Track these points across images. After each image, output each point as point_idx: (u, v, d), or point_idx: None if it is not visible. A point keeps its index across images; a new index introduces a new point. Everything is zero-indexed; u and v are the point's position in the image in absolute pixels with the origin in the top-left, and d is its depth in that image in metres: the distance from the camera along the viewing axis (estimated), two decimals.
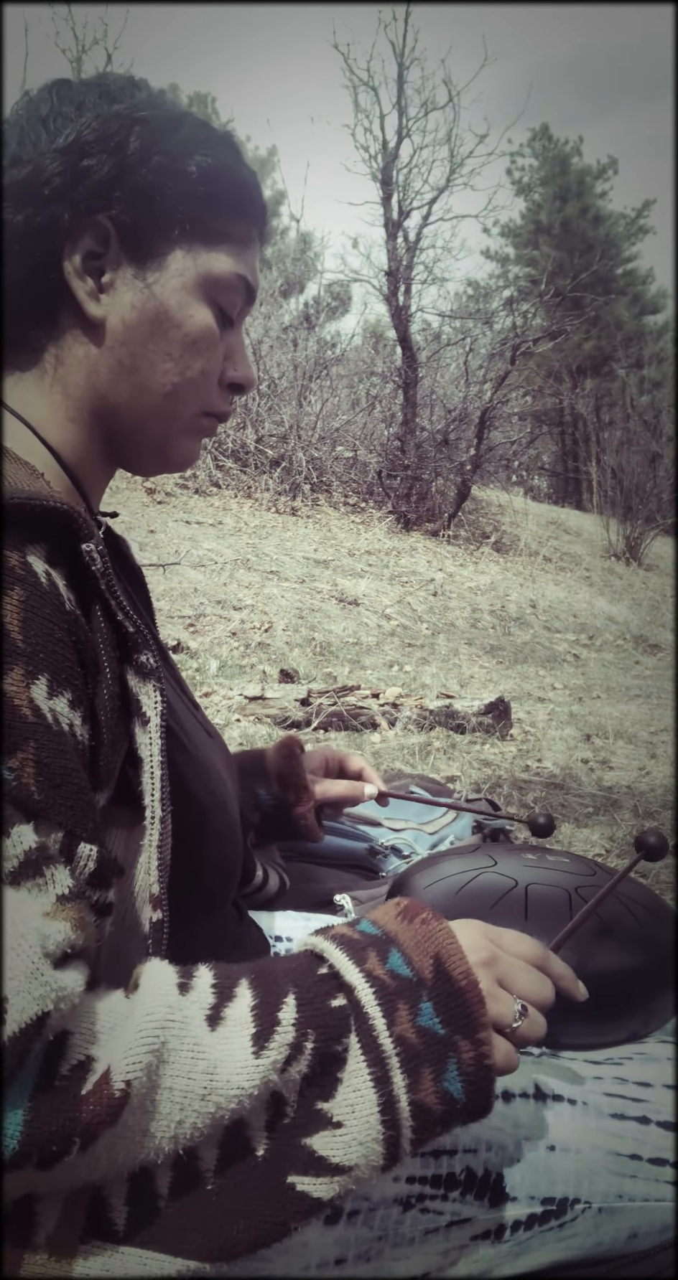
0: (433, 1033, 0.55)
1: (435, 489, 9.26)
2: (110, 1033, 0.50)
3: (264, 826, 1.04)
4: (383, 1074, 0.53)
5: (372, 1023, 0.54)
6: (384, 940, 0.58)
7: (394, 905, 0.62)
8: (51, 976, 0.47)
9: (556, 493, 18.39)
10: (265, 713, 3.37)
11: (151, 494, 7.16)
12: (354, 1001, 0.54)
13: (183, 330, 0.70)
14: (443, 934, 0.58)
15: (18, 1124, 0.45)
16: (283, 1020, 0.53)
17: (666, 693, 5.08)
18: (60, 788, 0.51)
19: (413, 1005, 0.55)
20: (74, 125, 0.66)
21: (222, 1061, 0.51)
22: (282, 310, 10.67)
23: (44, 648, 0.53)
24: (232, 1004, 0.53)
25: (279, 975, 0.55)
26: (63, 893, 0.50)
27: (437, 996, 0.56)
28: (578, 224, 22.21)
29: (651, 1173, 0.70)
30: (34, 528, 0.56)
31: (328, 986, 0.55)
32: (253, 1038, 0.52)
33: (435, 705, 3.52)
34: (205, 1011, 0.52)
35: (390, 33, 10.18)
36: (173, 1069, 0.50)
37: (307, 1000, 0.54)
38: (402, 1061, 0.53)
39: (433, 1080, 0.54)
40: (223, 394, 0.75)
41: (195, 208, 0.69)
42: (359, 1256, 0.62)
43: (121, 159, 0.67)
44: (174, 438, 0.74)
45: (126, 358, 0.69)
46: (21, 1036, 0.46)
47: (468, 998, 0.56)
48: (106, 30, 8.77)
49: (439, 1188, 0.65)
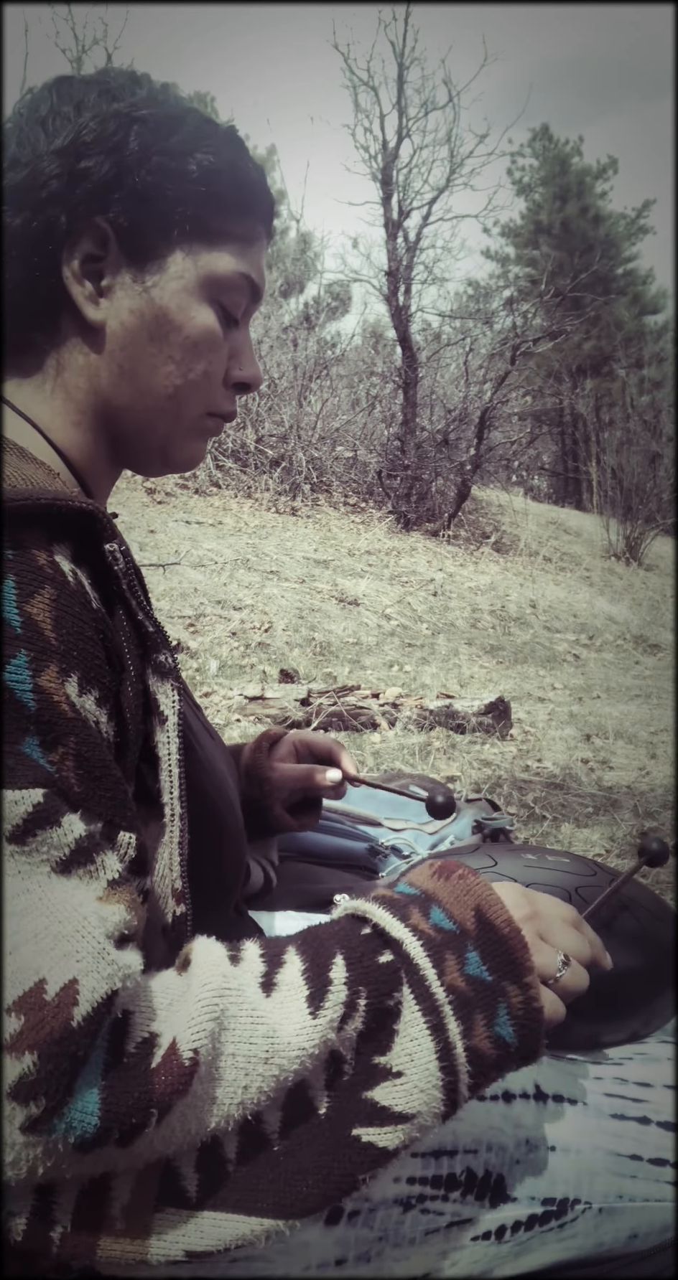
0: (481, 980, 0.56)
1: (435, 489, 9.26)
2: (169, 1009, 0.51)
3: (247, 824, 1.04)
4: (438, 1022, 0.54)
5: (423, 973, 0.55)
6: (424, 898, 0.59)
7: (428, 866, 0.63)
8: (116, 956, 0.48)
9: (556, 493, 18.39)
10: (265, 713, 3.37)
11: (152, 494, 7.16)
12: (403, 955, 0.56)
13: (184, 333, 0.69)
14: (481, 886, 0.59)
15: (95, 1103, 0.46)
16: (335, 980, 0.54)
17: (666, 693, 5.08)
18: (100, 780, 0.53)
19: (460, 955, 0.56)
20: (72, 126, 0.65)
21: (280, 1025, 0.52)
22: (282, 310, 10.67)
23: (76, 646, 0.54)
24: (282, 970, 0.54)
25: (325, 938, 0.57)
26: (113, 878, 0.51)
27: (481, 945, 0.57)
28: (578, 224, 22.21)
29: (651, 1173, 0.70)
30: (59, 528, 0.56)
31: (374, 944, 0.56)
32: (307, 999, 0.53)
33: (435, 705, 3.52)
34: (258, 979, 0.54)
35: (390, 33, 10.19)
36: (234, 1035, 0.51)
37: (355, 959, 0.55)
38: (455, 1009, 0.55)
39: (485, 1025, 0.55)
40: (228, 394, 0.74)
41: (196, 208, 0.68)
42: (360, 1257, 0.62)
43: (120, 160, 0.66)
44: (178, 439, 0.73)
45: (127, 361, 0.69)
46: (94, 1015, 0.47)
47: (512, 944, 0.57)
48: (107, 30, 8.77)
49: (440, 1188, 0.65)
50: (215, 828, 0.71)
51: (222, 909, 0.77)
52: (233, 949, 0.56)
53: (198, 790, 0.68)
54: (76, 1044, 0.46)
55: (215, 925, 0.75)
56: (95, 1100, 0.46)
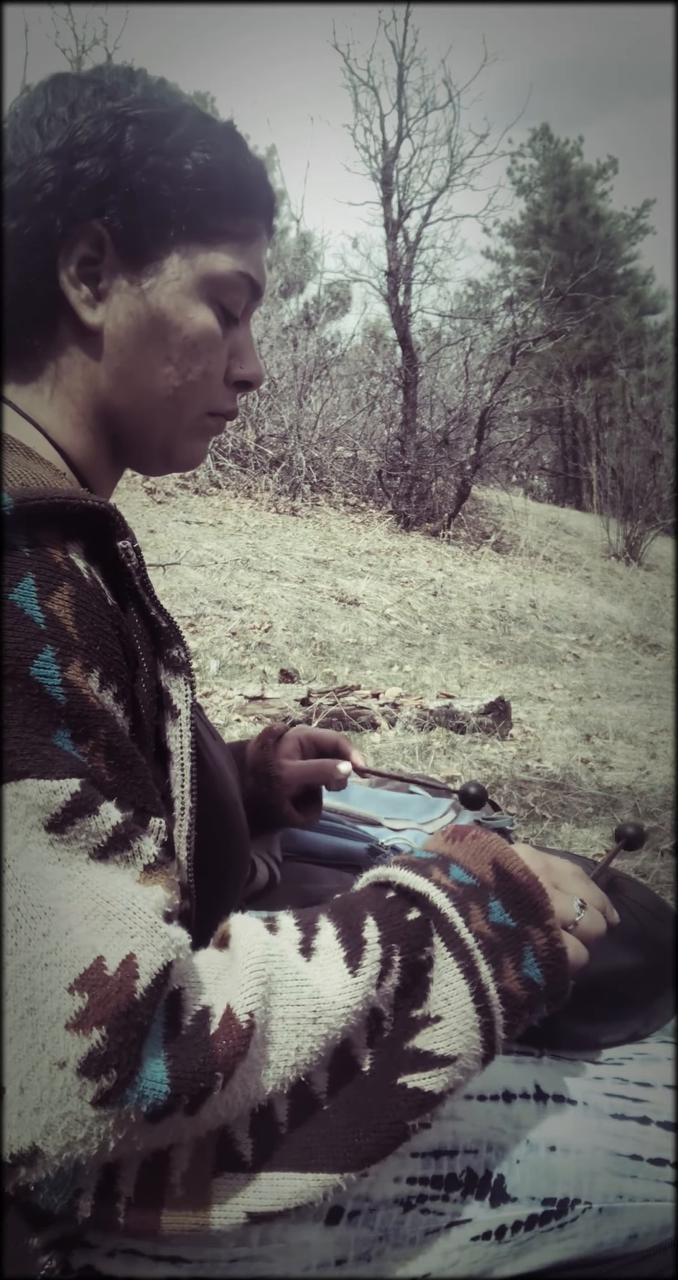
0: (506, 926, 0.59)
1: (435, 489, 9.27)
2: (216, 981, 0.52)
3: (251, 820, 1.04)
4: (470, 965, 0.56)
5: (451, 921, 0.57)
6: (442, 859, 0.62)
7: (441, 833, 0.65)
8: (168, 929, 0.50)
9: (556, 493, 18.39)
10: (265, 713, 3.37)
11: (152, 494, 7.16)
12: (431, 907, 0.58)
13: (182, 334, 0.69)
14: (495, 842, 0.62)
15: (163, 1071, 0.47)
16: (369, 940, 0.56)
17: (666, 693, 5.08)
18: (130, 769, 0.54)
19: (483, 905, 0.59)
20: (66, 127, 0.65)
21: (324, 985, 0.54)
22: (282, 310, 10.68)
23: (97, 641, 0.54)
24: (318, 935, 0.56)
25: (354, 904, 0.58)
26: (149, 862, 0.53)
27: (503, 894, 0.60)
28: (578, 224, 22.21)
29: (651, 1173, 0.70)
30: (71, 526, 0.56)
31: (401, 904, 0.58)
32: (346, 959, 0.55)
33: (435, 705, 3.52)
34: (297, 945, 0.55)
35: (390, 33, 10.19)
36: (282, 999, 0.52)
37: (386, 919, 0.57)
38: (485, 953, 0.57)
39: (514, 968, 0.58)
40: (229, 393, 0.74)
41: (192, 208, 0.67)
42: (360, 1257, 0.62)
43: (115, 161, 0.65)
44: (179, 439, 0.73)
45: (126, 364, 0.68)
46: (155, 987, 0.48)
47: (531, 890, 0.60)
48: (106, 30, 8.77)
49: (440, 1188, 0.65)
50: (221, 825, 0.71)
51: (225, 906, 0.77)
52: (268, 920, 0.57)
53: (203, 787, 0.68)
54: (142, 1015, 0.47)
55: (213, 926, 0.76)
56: (163, 1069, 0.47)
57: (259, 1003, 0.51)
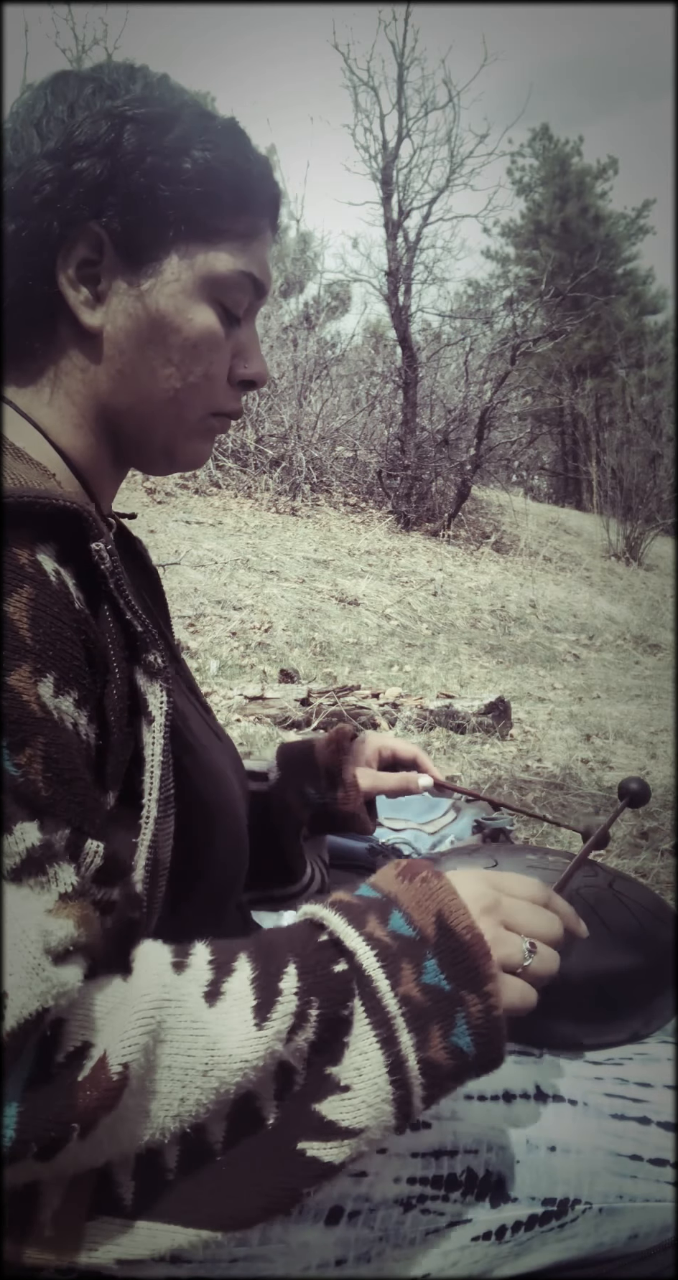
0: (439, 989, 0.55)
1: (435, 489, 9.27)
2: (107, 1017, 0.49)
3: (314, 823, 1.02)
4: (389, 1035, 0.53)
5: (375, 985, 0.54)
6: (385, 902, 0.58)
7: (393, 867, 0.61)
8: (52, 973, 0.47)
9: (556, 493, 18.39)
10: (265, 713, 3.37)
11: (152, 494, 7.16)
12: (356, 966, 0.54)
13: (183, 335, 0.68)
14: (444, 890, 0.58)
15: (13, 1117, 0.45)
16: (285, 990, 0.53)
17: (666, 693, 5.08)
18: (69, 784, 0.51)
19: (417, 964, 0.55)
20: (64, 127, 0.64)
21: (222, 1036, 0.51)
22: (282, 310, 10.67)
23: (52, 645, 0.53)
24: (230, 978, 0.53)
25: (279, 945, 0.55)
26: (66, 890, 0.50)
27: (441, 953, 0.55)
28: (578, 224, 22.22)
29: (651, 1173, 0.70)
30: (44, 526, 0.55)
31: (329, 953, 0.55)
32: (254, 1010, 0.52)
33: (435, 705, 3.52)
34: (203, 989, 0.52)
35: (390, 33, 10.19)
36: (171, 1047, 0.50)
37: (308, 968, 0.54)
38: (408, 1021, 0.53)
39: (442, 1036, 0.54)
40: (232, 393, 0.73)
41: (192, 208, 0.67)
42: (360, 1257, 0.62)
43: (113, 162, 0.64)
44: (182, 440, 0.72)
45: (127, 366, 0.68)
46: (20, 1032, 0.45)
47: (473, 951, 0.55)
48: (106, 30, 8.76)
49: (440, 1188, 0.64)
50: (210, 830, 0.70)
51: (219, 914, 0.77)
52: (180, 954, 0.54)
53: (191, 793, 0.67)
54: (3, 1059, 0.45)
55: (215, 930, 0.76)
56: (13, 1114, 0.45)
57: (138, 1053, 0.48)
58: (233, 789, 0.78)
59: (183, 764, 0.67)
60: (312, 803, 1.01)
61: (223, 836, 0.72)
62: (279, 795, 1.01)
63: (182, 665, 0.85)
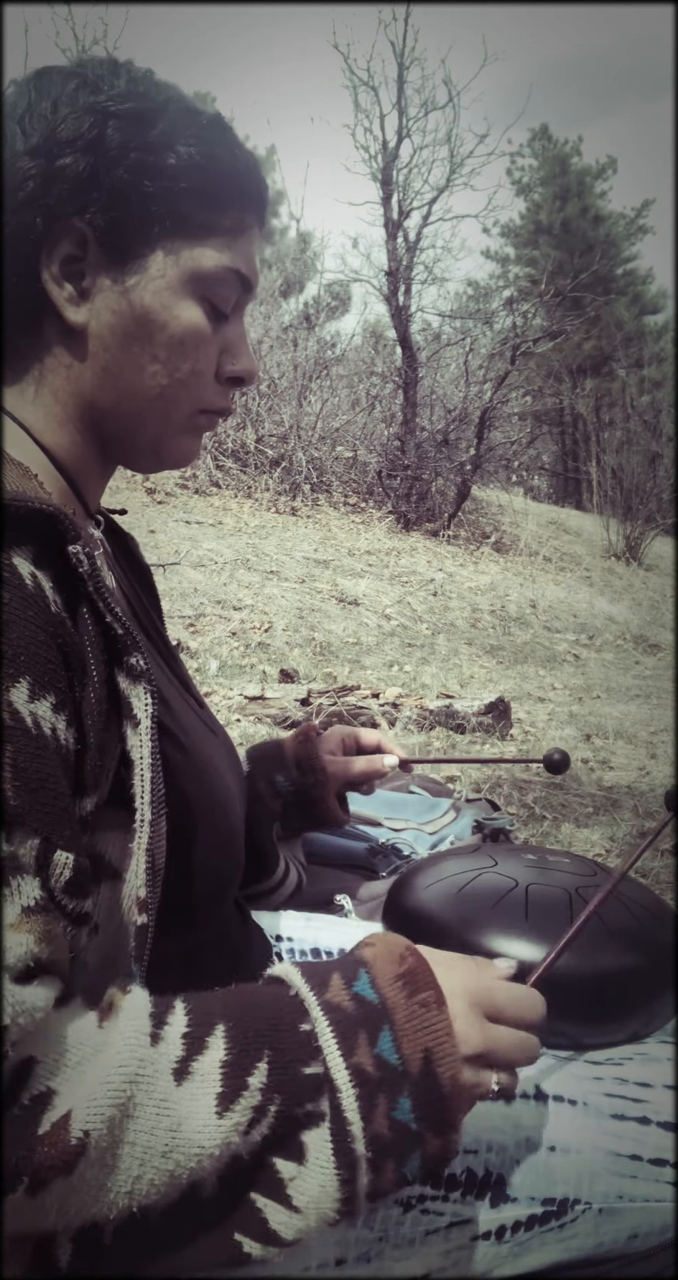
0: (406, 1127, 0.54)
1: (435, 489, 9.26)
2: (76, 1068, 0.48)
3: (286, 814, 1.03)
4: (351, 1175, 0.53)
5: (350, 1129, 0.53)
6: (379, 1013, 0.56)
7: (398, 962, 0.58)
8: (10, 990, 0.46)
9: (556, 493, 18.38)
10: (265, 713, 3.37)
11: (152, 494, 7.16)
12: (336, 1103, 0.53)
13: (168, 332, 0.67)
14: (440, 1027, 0.56)
15: None
16: (252, 1086, 0.52)
17: (666, 693, 5.08)
18: (37, 793, 0.50)
19: (392, 1099, 0.54)
20: (47, 124, 0.64)
21: (185, 1119, 0.50)
22: (282, 310, 10.67)
23: (26, 650, 0.52)
24: (201, 1057, 0.52)
25: (259, 1030, 0.54)
26: (29, 904, 0.49)
27: (417, 1094, 0.54)
28: (578, 224, 22.21)
29: (651, 1173, 0.70)
30: (21, 529, 0.55)
31: (306, 1051, 0.54)
32: (218, 1097, 0.51)
33: (435, 705, 3.52)
34: (173, 1064, 0.51)
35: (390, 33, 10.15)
36: (137, 1124, 0.49)
37: (280, 1067, 0.53)
38: (371, 1162, 0.53)
39: (394, 1170, 0.54)
40: (221, 389, 0.73)
41: (177, 204, 0.66)
42: (360, 1257, 0.62)
43: (96, 158, 0.64)
44: (169, 438, 0.72)
45: (112, 363, 0.67)
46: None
47: (449, 1104, 0.55)
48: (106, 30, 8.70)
49: (440, 1189, 0.65)
50: (201, 829, 0.70)
51: (216, 912, 0.76)
52: (158, 1021, 0.52)
53: (182, 792, 0.67)
54: None
55: (212, 928, 0.75)
56: None
57: (103, 1125, 0.47)
58: (226, 785, 0.77)
59: (172, 762, 0.66)
60: (283, 792, 1.02)
61: (216, 833, 0.72)
62: (250, 787, 1.01)
63: (175, 660, 0.84)
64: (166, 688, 0.74)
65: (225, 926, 0.80)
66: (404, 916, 0.91)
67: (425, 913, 0.89)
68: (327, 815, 1.03)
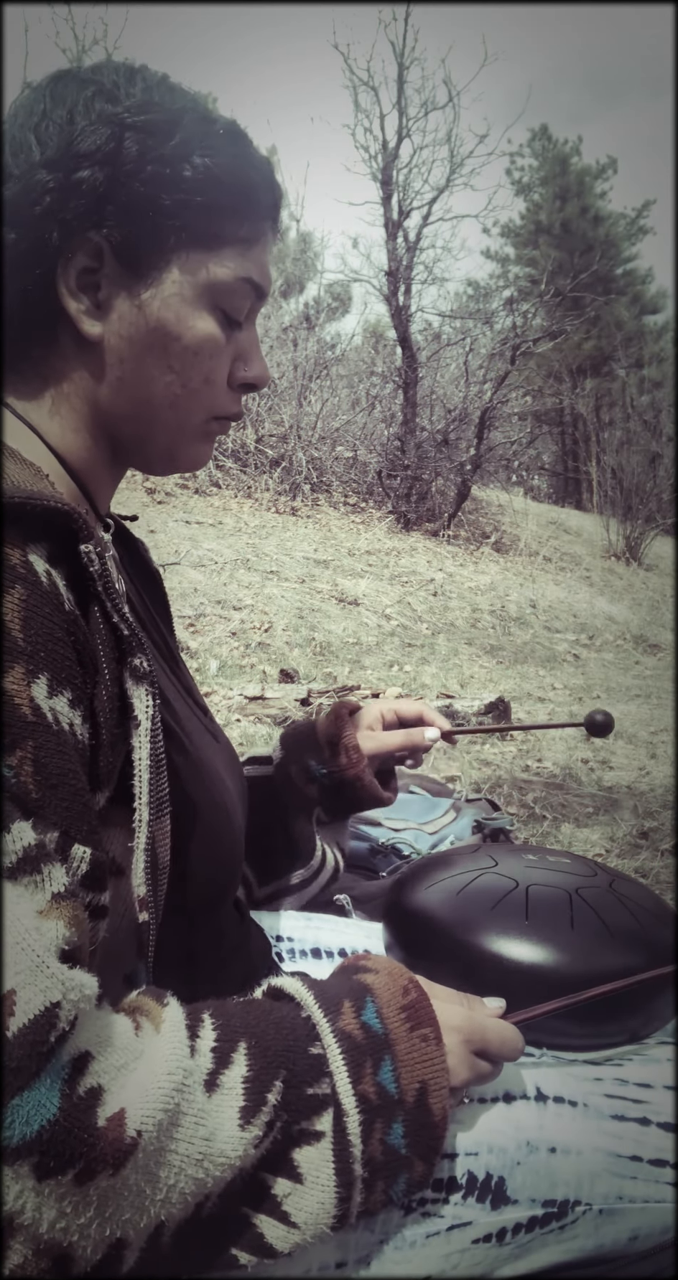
0: (396, 1151, 0.58)
1: (435, 489, 9.26)
2: (122, 1070, 0.50)
3: (325, 798, 1.01)
4: (348, 1194, 0.56)
5: (352, 1151, 0.57)
6: (383, 1044, 0.59)
7: (402, 994, 0.62)
8: (57, 969, 0.47)
9: (556, 493, 18.38)
10: (265, 713, 3.37)
11: (152, 494, 7.16)
12: (342, 1126, 0.57)
13: (183, 343, 0.68)
14: (436, 1064, 0.60)
15: (48, 1112, 0.45)
16: (269, 1102, 0.54)
17: (666, 693, 5.08)
18: (57, 788, 0.51)
19: (387, 1124, 0.58)
20: (64, 134, 0.63)
21: (216, 1130, 0.52)
22: (282, 310, 10.67)
23: (45, 646, 0.53)
24: (228, 1071, 0.54)
25: (276, 1050, 0.56)
26: (58, 890, 0.50)
27: (410, 1122, 0.59)
28: (578, 224, 22.21)
29: (651, 1174, 0.70)
30: (35, 527, 0.55)
31: (315, 1071, 0.57)
32: (241, 1111, 0.53)
33: (435, 705, 3.52)
34: (204, 1076, 0.53)
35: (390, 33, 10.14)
36: (180, 1132, 0.51)
37: (293, 1084, 0.56)
38: (366, 1182, 0.57)
39: (384, 1191, 0.58)
40: (233, 396, 0.73)
41: (193, 216, 0.66)
42: (360, 1260, 0.62)
43: (114, 171, 0.64)
44: (182, 445, 0.72)
45: (127, 374, 0.68)
46: (32, 1028, 0.46)
47: (437, 1132, 0.60)
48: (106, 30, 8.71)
49: (440, 1191, 0.64)
50: (200, 832, 0.70)
51: (213, 913, 0.77)
52: (192, 1032, 0.54)
53: (183, 794, 0.67)
54: (11, 1056, 0.45)
55: (210, 928, 0.75)
56: (53, 1108, 0.45)
57: (154, 1128, 0.49)
58: (226, 789, 0.78)
59: (174, 764, 0.67)
60: (315, 775, 1.01)
61: (216, 837, 0.72)
62: (283, 772, 1.01)
63: (179, 666, 0.85)
64: (170, 692, 0.75)
65: (223, 927, 0.80)
66: (404, 916, 0.91)
67: (425, 913, 0.89)
68: (366, 795, 1.01)
